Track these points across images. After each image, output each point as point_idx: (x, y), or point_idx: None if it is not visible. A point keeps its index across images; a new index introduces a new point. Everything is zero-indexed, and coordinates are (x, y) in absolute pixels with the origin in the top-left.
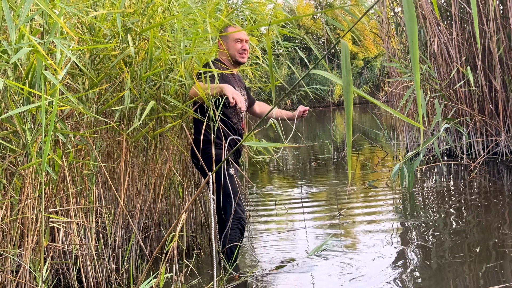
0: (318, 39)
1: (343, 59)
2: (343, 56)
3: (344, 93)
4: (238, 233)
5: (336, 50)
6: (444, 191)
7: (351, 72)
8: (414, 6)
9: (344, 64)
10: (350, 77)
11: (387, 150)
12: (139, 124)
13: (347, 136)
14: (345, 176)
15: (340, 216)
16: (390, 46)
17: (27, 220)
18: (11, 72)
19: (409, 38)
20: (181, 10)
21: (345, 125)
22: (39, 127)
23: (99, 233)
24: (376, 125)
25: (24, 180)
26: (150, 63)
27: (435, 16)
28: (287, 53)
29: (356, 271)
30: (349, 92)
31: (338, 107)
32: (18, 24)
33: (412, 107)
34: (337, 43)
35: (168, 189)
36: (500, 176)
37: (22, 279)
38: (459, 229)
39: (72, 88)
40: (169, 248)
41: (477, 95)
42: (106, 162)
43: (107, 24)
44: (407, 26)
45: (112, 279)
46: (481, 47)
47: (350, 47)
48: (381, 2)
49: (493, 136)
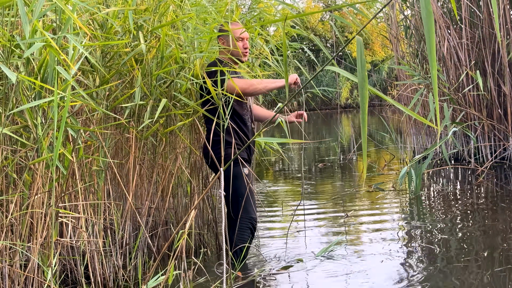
0: (326, 41)
1: (358, 55)
2: (358, 52)
3: (360, 89)
4: (249, 232)
5: (344, 53)
6: (451, 195)
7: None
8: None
9: (360, 60)
10: (365, 73)
11: (394, 153)
12: (149, 122)
13: (362, 131)
14: (351, 178)
15: (347, 218)
16: (399, 49)
17: (36, 215)
18: (23, 67)
19: (426, 35)
20: (194, 9)
21: (360, 120)
22: (51, 122)
23: (107, 229)
24: (382, 127)
25: (34, 175)
26: (161, 61)
27: (445, 20)
28: (293, 55)
29: (362, 273)
30: (364, 88)
31: (345, 109)
32: (32, 19)
33: (421, 110)
34: (351, 40)
35: (176, 187)
36: (507, 181)
37: (30, 274)
38: (466, 233)
39: (83, 84)
40: (178, 246)
41: (485, 99)
42: (115, 159)
43: (119, 21)
44: (424, 22)
45: (119, 275)
46: (491, 52)
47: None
48: (391, 4)
49: (501, 140)
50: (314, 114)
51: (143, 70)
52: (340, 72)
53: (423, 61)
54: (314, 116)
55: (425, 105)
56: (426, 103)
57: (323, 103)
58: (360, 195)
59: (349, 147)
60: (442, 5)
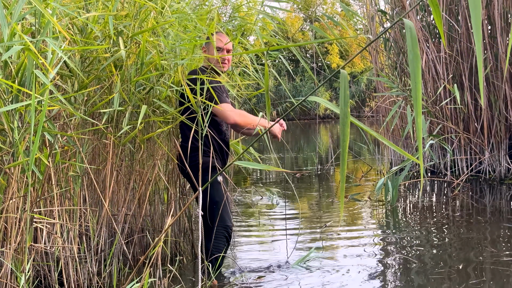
0: (305, 51)
1: (341, 91)
2: (342, 87)
3: (341, 125)
4: (225, 241)
5: (323, 64)
6: (426, 207)
7: (336, 85)
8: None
9: (343, 96)
10: (348, 109)
11: (371, 164)
12: (128, 128)
13: (341, 170)
14: (328, 188)
15: (325, 228)
16: (378, 61)
17: (10, 220)
18: (0, 70)
19: (412, 77)
20: (175, 16)
21: (340, 158)
22: (27, 126)
23: (82, 235)
24: (360, 138)
25: (10, 179)
26: (141, 67)
27: (424, 33)
28: (273, 64)
29: (337, 283)
30: (346, 124)
31: (323, 120)
32: (11, 21)
33: (398, 122)
34: (337, 72)
35: (153, 194)
36: (482, 194)
37: (3, 279)
38: (441, 245)
39: (61, 89)
40: (153, 253)
41: (462, 113)
42: (92, 164)
43: (99, 26)
44: (410, 65)
45: (94, 282)
46: (468, 66)
47: (337, 61)
48: (370, 17)
49: (477, 154)
50: (292, 124)
51: (122, 76)
52: (323, 103)
53: (401, 74)
54: (292, 126)
55: (403, 117)
56: (404, 115)
57: (302, 113)
58: (337, 205)
59: (326, 157)
60: (421, 18)
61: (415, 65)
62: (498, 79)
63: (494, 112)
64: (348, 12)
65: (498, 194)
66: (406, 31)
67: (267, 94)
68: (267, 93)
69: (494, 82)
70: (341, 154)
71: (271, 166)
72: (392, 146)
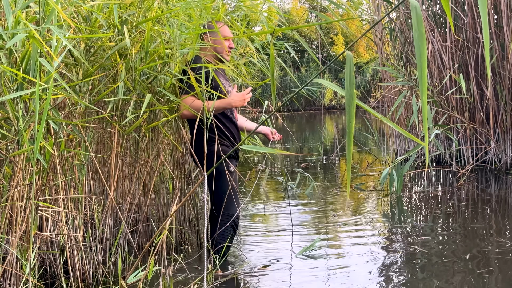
0: (311, 42)
1: (347, 72)
2: (347, 68)
3: (347, 106)
4: (231, 230)
5: (328, 54)
6: (432, 196)
7: (342, 76)
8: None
9: (348, 77)
10: (354, 90)
11: (376, 154)
12: (132, 117)
13: (348, 152)
14: (333, 178)
15: (334, 217)
16: (384, 51)
17: (15, 208)
18: (5, 58)
19: (417, 57)
20: (179, 4)
21: (346, 144)
22: (32, 114)
23: (87, 224)
24: (365, 128)
25: (15, 167)
26: (146, 56)
27: (430, 23)
28: (278, 54)
29: (343, 273)
30: (351, 105)
31: (329, 110)
32: (15, 9)
33: (404, 112)
34: (342, 53)
35: (158, 183)
36: (488, 184)
37: (8, 267)
38: (446, 235)
39: (66, 77)
40: (158, 241)
41: (468, 102)
42: (97, 153)
43: (104, 15)
44: (415, 44)
45: (99, 271)
46: (474, 56)
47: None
48: (376, 7)
49: (483, 144)
50: (298, 115)
51: (127, 65)
52: (328, 86)
53: (407, 63)
54: (298, 117)
55: (409, 107)
56: (409, 105)
57: (307, 104)
58: (342, 196)
59: (332, 148)
60: (427, 8)
61: (421, 44)
62: (504, 69)
63: (500, 102)
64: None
65: (504, 184)
66: (412, 11)
67: (273, 77)
68: (273, 76)
69: (500, 72)
70: (347, 137)
71: (277, 149)
72: (398, 129)
